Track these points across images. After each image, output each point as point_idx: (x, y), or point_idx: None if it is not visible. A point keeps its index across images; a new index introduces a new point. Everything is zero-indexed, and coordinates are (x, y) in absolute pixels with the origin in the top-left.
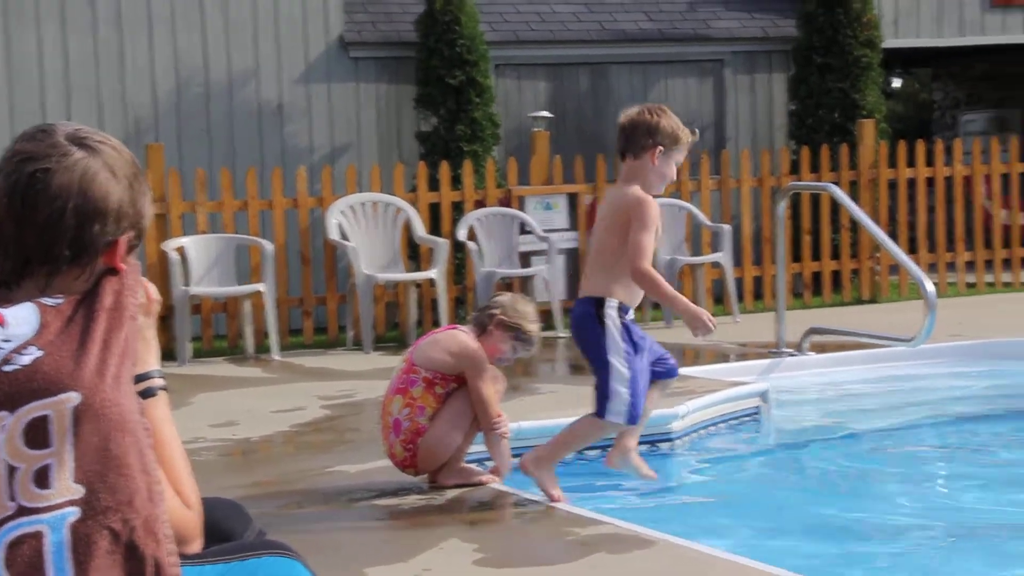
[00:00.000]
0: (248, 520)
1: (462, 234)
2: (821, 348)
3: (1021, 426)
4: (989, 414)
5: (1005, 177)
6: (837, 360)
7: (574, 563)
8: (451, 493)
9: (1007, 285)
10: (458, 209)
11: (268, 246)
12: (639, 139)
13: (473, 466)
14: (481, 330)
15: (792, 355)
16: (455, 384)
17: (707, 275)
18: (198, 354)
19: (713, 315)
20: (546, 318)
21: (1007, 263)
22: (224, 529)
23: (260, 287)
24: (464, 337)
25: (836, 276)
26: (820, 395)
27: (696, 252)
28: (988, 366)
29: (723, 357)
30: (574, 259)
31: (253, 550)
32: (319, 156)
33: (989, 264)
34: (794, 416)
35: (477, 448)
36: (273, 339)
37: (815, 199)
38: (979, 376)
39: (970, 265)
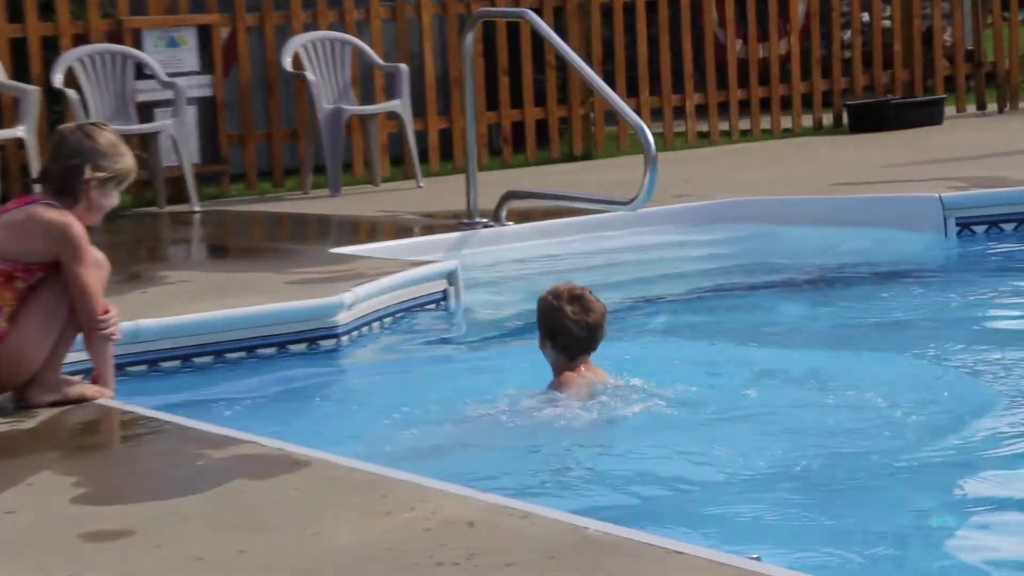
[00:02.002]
0: None
1: (58, 79)
2: (523, 216)
3: (757, 300)
4: (723, 287)
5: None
6: (542, 230)
7: (208, 493)
8: (44, 414)
9: (745, 134)
10: (51, 47)
11: None
12: None
13: (73, 378)
14: (71, 199)
15: (487, 226)
16: (42, 274)
17: (381, 128)
18: None
19: (391, 179)
20: (176, 187)
21: (744, 106)
22: None
23: None
24: (51, 213)
25: (542, 127)
26: (522, 273)
27: (367, 100)
28: (722, 231)
29: (403, 231)
30: (209, 110)
31: None
32: None
33: (723, 108)
34: (489, 300)
35: (77, 356)
36: None
37: (513, 30)
38: (711, 244)
39: (701, 110)
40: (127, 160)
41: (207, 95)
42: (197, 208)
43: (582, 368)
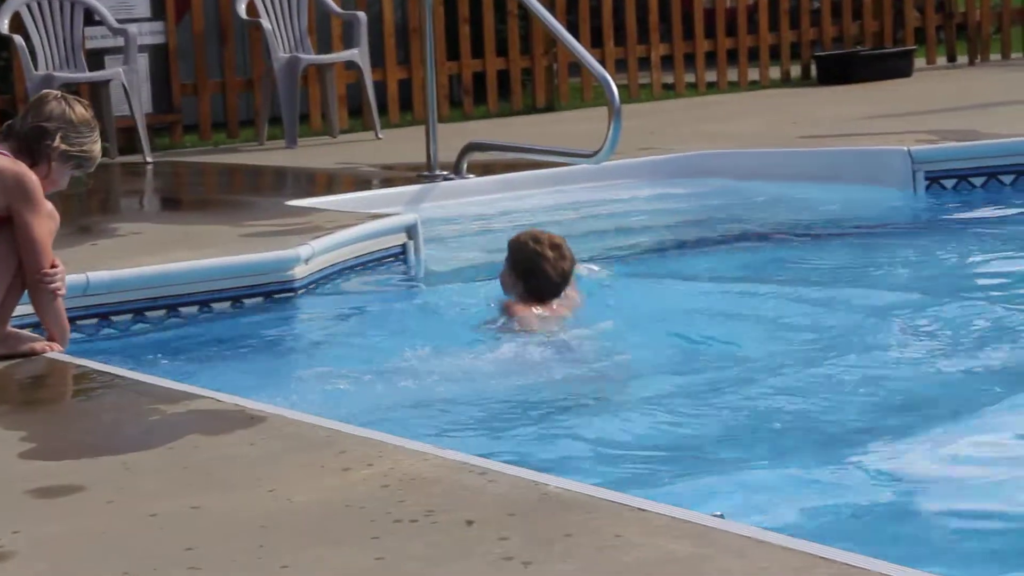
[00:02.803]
0: None
1: (4, 25)
2: (485, 169)
3: (721, 256)
4: (686, 242)
5: None
6: (503, 183)
7: (161, 449)
8: None
9: (711, 86)
10: None
11: None
12: None
13: (23, 331)
14: (29, 160)
15: (448, 179)
16: None
17: (339, 79)
18: None
19: (349, 131)
20: (127, 137)
21: (711, 58)
22: None
23: None
24: (5, 160)
25: (503, 78)
26: (483, 227)
27: (324, 49)
28: (687, 185)
29: (361, 183)
30: (162, 59)
31: None
32: None
33: (689, 60)
34: (449, 255)
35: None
36: None
37: None
38: (675, 198)
39: (667, 61)
40: (96, 147)
41: (159, 43)
42: (149, 159)
43: (552, 305)
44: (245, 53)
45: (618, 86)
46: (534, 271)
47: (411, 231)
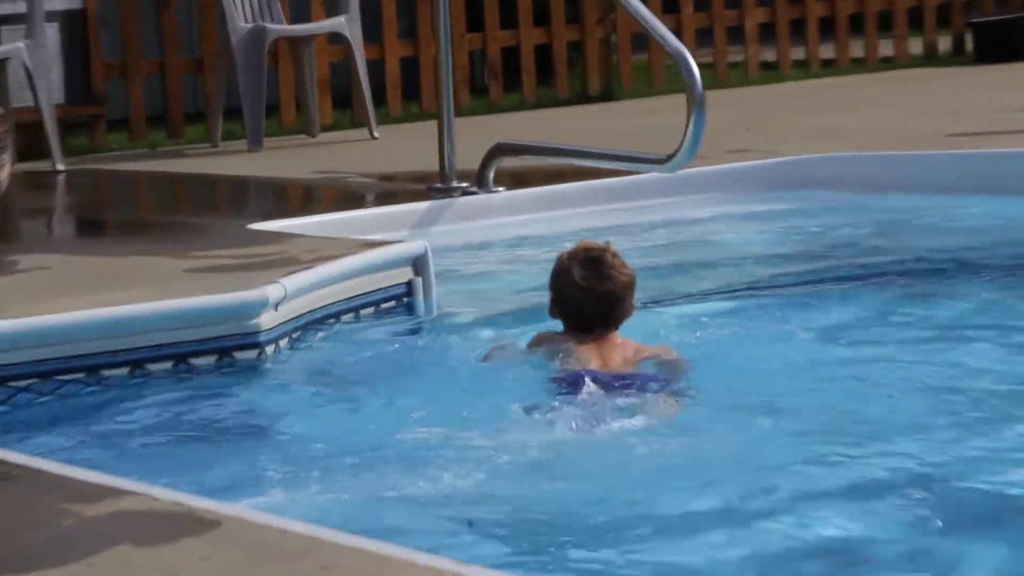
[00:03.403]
0: None
1: None
2: (519, 180)
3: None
4: (791, 277)
5: None
6: (544, 199)
7: (78, 566)
8: None
9: (828, 64)
10: None
11: None
12: None
13: None
14: None
15: (469, 193)
16: None
17: (321, 57)
18: None
19: (334, 127)
20: (31, 136)
21: (826, 26)
22: None
23: None
24: None
25: (544, 56)
26: (516, 258)
27: (300, 17)
28: (793, 201)
29: (350, 200)
30: (78, 29)
31: None
32: None
33: (798, 29)
34: (471, 297)
35: None
36: None
37: None
38: (777, 218)
39: (767, 32)
40: (5, 173)
41: (75, 7)
42: (61, 166)
43: (588, 346)
44: (192, 23)
45: (701, 65)
46: (561, 294)
47: (419, 264)
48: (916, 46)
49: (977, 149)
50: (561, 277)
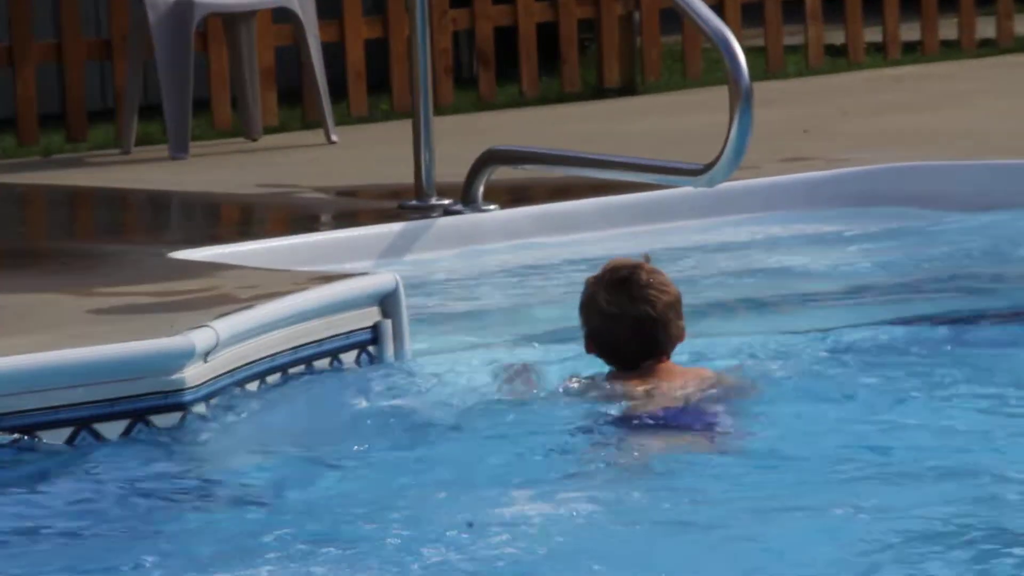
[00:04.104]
0: None
1: None
2: (515, 195)
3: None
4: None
5: None
6: (548, 220)
7: None
8: None
9: (911, 49)
10: None
11: None
12: None
13: None
14: None
15: (452, 211)
16: None
17: (263, 40)
18: None
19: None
20: None
21: (908, 2)
22: None
23: None
24: None
25: (548, 38)
26: (516, 295)
27: None
28: (867, 222)
29: (301, 220)
30: None
31: None
32: None
33: (872, 5)
34: (453, 344)
35: None
36: None
37: None
38: (847, 243)
39: (834, 8)
40: None
41: None
42: None
43: (632, 382)
44: None
45: (748, 50)
46: (591, 325)
47: (388, 303)
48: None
49: None
50: (589, 306)
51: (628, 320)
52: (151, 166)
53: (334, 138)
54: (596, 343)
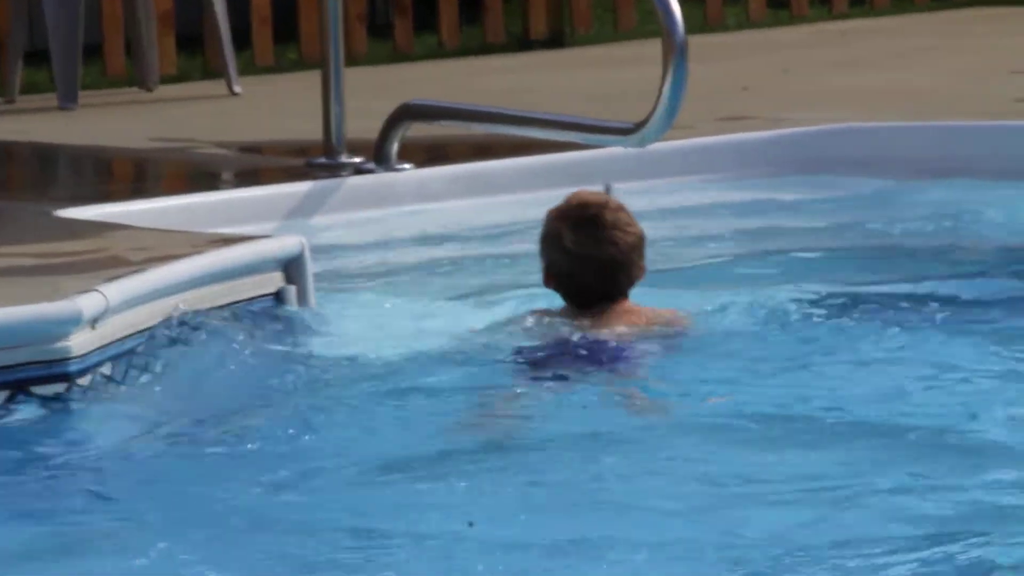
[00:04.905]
0: None
1: None
2: (432, 153)
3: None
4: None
5: None
6: (467, 179)
7: None
8: None
9: (857, 2)
10: None
11: None
12: None
13: None
14: None
15: (364, 170)
16: None
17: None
18: None
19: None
20: None
21: None
22: None
23: None
24: None
25: None
26: (426, 261)
27: None
28: (807, 187)
29: (200, 177)
30: None
31: None
32: None
33: None
34: (362, 312)
35: None
36: None
37: None
38: (787, 210)
39: None
40: None
41: None
42: None
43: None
44: None
45: (684, 1)
46: (552, 261)
47: (292, 267)
48: None
49: None
50: (550, 243)
51: (593, 262)
52: (37, 116)
53: (237, 89)
54: (556, 280)
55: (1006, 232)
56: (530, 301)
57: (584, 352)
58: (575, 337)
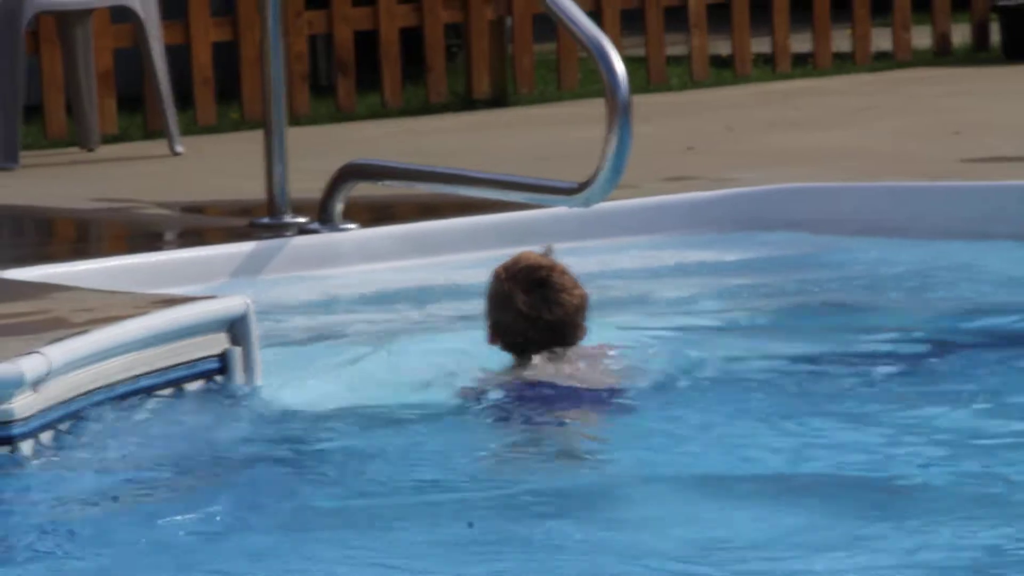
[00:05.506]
0: None
1: None
2: (376, 213)
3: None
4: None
5: None
6: (411, 240)
7: None
8: None
9: (801, 61)
10: None
11: None
12: None
13: None
14: None
15: (308, 229)
16: None
17: (102, 40)
18: None
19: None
20: None
21: (799, 13)
22: None
23: None
24: None
25: (412, 43)
26: (372, 322)
27: None
28: (753, 247)
29: (143, 238)
30: None
31: None
32: None
33: (761, 15)
34: (308, 374)
35: None
36: None
37: None
38: (731, 270)
39: (719, 16)
40: None
41: None
42: None
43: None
44: None
45: (628, 61)
46: (503, 323)
47: (237, 329)
48: (923, 37)
49: (1006, 180)
50: (499, 303)
51: (542, 323)
52: None
53: (179, 149)
54: (502, 338)
55: (953, 291)
56: (474, 359)
57: (534, 399)
58: (523, 385)
